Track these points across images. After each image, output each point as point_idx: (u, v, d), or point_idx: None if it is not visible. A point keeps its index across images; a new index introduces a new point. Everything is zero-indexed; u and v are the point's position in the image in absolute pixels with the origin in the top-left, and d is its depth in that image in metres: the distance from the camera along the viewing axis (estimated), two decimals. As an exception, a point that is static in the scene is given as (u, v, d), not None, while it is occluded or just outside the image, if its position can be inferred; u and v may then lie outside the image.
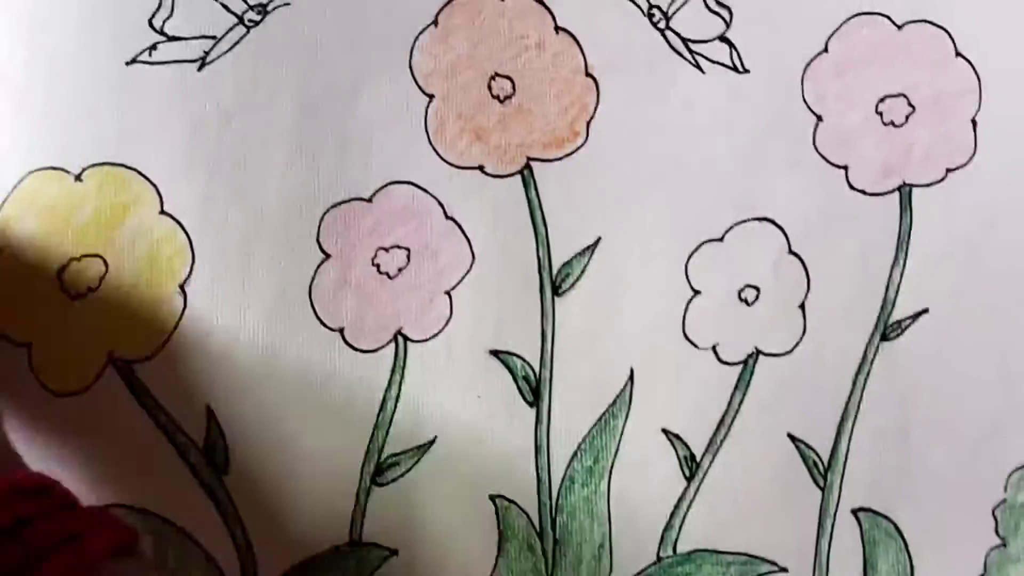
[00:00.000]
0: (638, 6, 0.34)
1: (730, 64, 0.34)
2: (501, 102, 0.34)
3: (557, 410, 0.33)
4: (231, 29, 0.33)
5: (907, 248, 0.34)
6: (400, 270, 0.33)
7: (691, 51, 0.34)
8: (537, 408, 0.33)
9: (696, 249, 0.34)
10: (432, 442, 0.33)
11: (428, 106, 0.33)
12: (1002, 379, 0.35)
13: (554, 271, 0.33)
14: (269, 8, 0.32)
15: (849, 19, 0.34)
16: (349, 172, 0.33)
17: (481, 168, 0.33)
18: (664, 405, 0.33)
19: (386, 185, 0.33)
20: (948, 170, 0.35)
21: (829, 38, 0.34)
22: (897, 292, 0.34)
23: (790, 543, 0.33)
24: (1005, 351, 0.35)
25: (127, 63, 0.32)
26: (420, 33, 0.33)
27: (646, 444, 0.33)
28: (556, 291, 0.33)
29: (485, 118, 0.34)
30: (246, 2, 0.32)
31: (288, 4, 0.32)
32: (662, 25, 0.34)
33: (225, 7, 0.32)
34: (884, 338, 0.34)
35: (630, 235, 0.34)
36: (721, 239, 0.34)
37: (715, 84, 0.34)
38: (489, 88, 0.34)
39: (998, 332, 0.35)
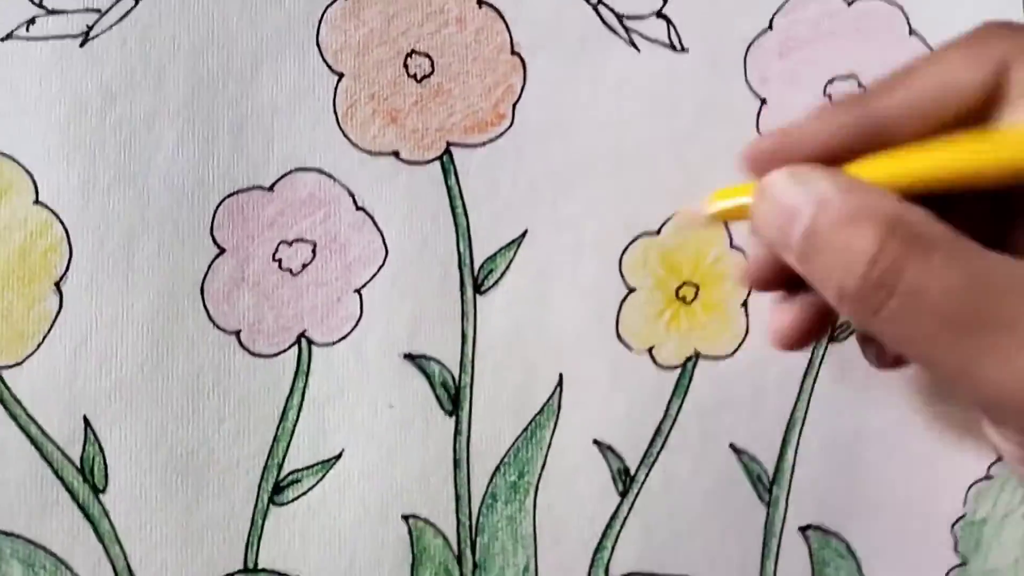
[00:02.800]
0: (567, -22, 0.31)
1: (667, 42, 0.32)
2: (418, 82, 0.31)
3: (478, 420, 0.30)
4: (118, 1, 0.30)
5: (859, 242, 0.32)
6: (304, 266, 0.30)
7: (626, 28, 0.32)
8: (456, 417, 0.30)
9: (631, 243, 0.31)
10: (339, 456, 0.29)
11: (337, 85, 0.30)
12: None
13: (476, 267, 0.31)
14: (158, -23, 0.29)
15: (796, -6, 0.32)
16: (247, 158, 0.30)
17: (396, 154, 0.31)
18: (596, 413, 0.31)
19: (289, 172, 0.30)
20: (902, 157, 0.32)
21: (774, 15, 0.32)
22: (848, 289, 0.32)
23: (733, 564, 0.30)
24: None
25: (1, 39, 0.28)
26: (329, 6, 0.30)
27: (576, 456, 0.30)
28: (478, 289, 0.31)
29: (400, 99, 0.31)
30: (131, -30, 0.29)
31: (179, -28, 0.29)
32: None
33: (108, -25, 0.29)
34: (832, 339, 0.32)
35: (559, 228, 0.31)
36: (658, 232, 0.31)
37: (651, 64, 0.31)
38: (405, 66, 0.31)
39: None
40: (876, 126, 0.23)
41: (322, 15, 0.30)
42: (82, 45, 0.29)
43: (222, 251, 0.29)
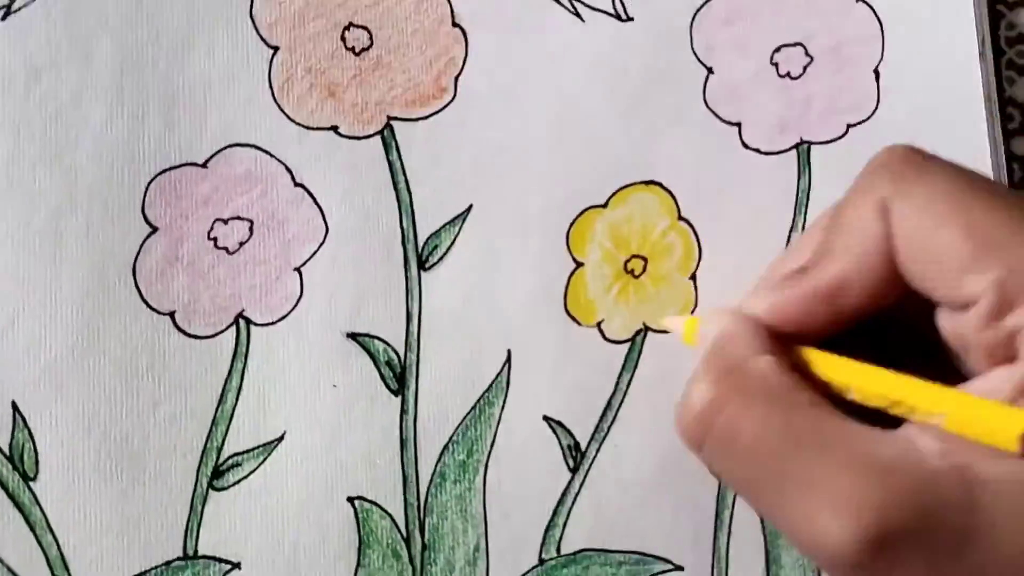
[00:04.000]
0: (508, -53, 0.30)
1: (612, 11, 0.31)
2: (357, 55, 0.30)
3: (425, 398, 0.29)
4: (41, -28, 0.29)
5: (806, 211, 0.31)
6: (241, 244, 0.29)
7: (569, -2, 0.31)
8: (402, 397, 0.29)
9: (578, 216, 0.31)
10: (280, 438, 0.29)
11: (272, 59, 0.29)
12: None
13: (420, 243, 0.30)
14: (82, -53, 0.28)
15: (740, -38, 0.31)
16: (180, 134, 0.29)
17: (334, 129, 0.30)
18: (545, 389, 0.30)
19: (224, 148, 0.29)
20: (849, 125, 0.32)
21: (719, -17, 0.31)
22: (797, 259, 0.31)
23: (686, 539, 0.30)
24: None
25: (-82, 12, 0.27)
26: (263, -22, 0.30)
27: (526, 433, 0.30)
28: (422, 265, 0.30)
29: (338, 73, 0.30)
30: (54, -61, 0.28)
31: (105, -58, 0.28)
32: (536, -31, 0.31)
33: (29, -55, 0.28)
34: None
35: (504, 202, 0.30)
36: (604, 205, 0.31)
37: (595, 33, 0.31)
38: (343, 39, 0.30)
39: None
40: (825, 296, 0.24)
41: (256, -14, 0.30)
42: (4, 19, 0.28)
43: (154, 230, 0.28)
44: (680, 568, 0.30)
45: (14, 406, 0.27)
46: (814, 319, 0.25)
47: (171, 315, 0.28)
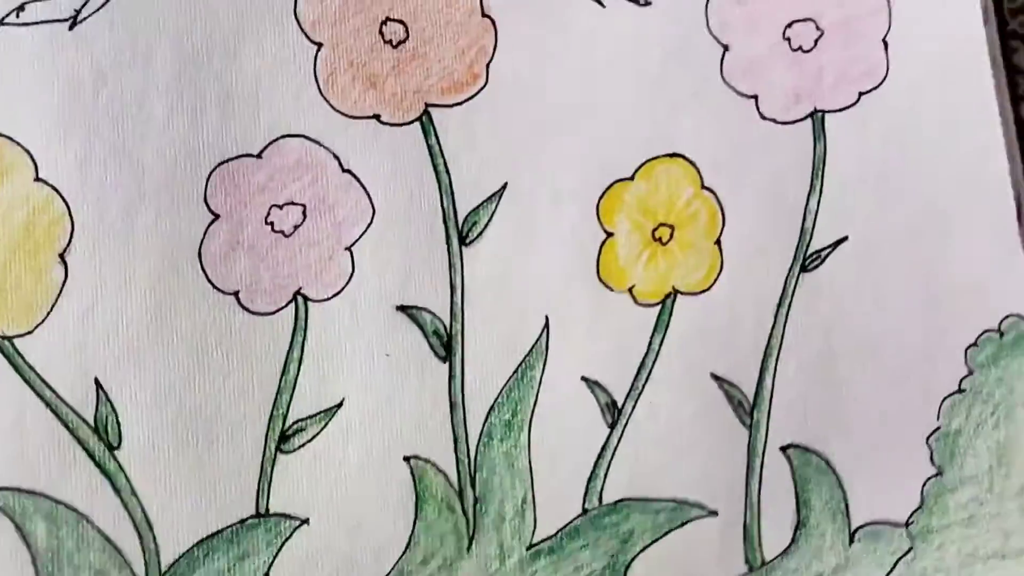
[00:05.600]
0: (531, -60, 0.32)
1: (631, -4, 0.33)
2: (394, 47, 0.32)
3: (471, 364, 0.32)
4: (103, -16, 0.31)
5: (822, 176, 0.33)
6: (296, 227, 0.31)
7: (590, -15, 0.33)
8: (450, 363, 0.32)
9: (607, 190, 0.33)
10: (340, 405, 0.31)
11: (316, 55, 0.32)
12: (926, 303, 0.34)
13: (460, 220, 0.32)
14: (140, -41, 0.31)
15: (750, -57, 0.33)
16: (236, 127, 0.31)
17: (377, 117, 0.32)
18: (582, 352, 0.32)
19: (276, 139, 0.31)
20: (860, 93, 0.34)
21: (731, -36, 0.33)
22: (815, 221, 0.33)
23: (719, 486, 0.32)
24: (927, 273, 0.34)
25: (-7, 26, 0.30)
26: (305, -20, 0.32)
27: (565, 393, 0.32)
28: (463, 241, 0.32)
29: (378, 65, 0.32)
30: (114, -47, 0.31)
31: (160, -47, 0.31)
32: (558, -40, 0.33)
33: (92, -41, 0.30)
34: (804, 269, 0.33)
35: (537, 179, 0.32)
36: (631, 178, 0.33)
37: (617, 18, 0.33)
38: (381, 33, 0.32)
39: (919, 255, 0.34)
40: None
41: (299, -12, 0.32)
42: (71, 28, 0.31)
43: (217, 217, 0.31)
44: (715, 513, 0.32)
45: (97, 382, 0.30)
46: None
47: (235, 295, 0.31)
